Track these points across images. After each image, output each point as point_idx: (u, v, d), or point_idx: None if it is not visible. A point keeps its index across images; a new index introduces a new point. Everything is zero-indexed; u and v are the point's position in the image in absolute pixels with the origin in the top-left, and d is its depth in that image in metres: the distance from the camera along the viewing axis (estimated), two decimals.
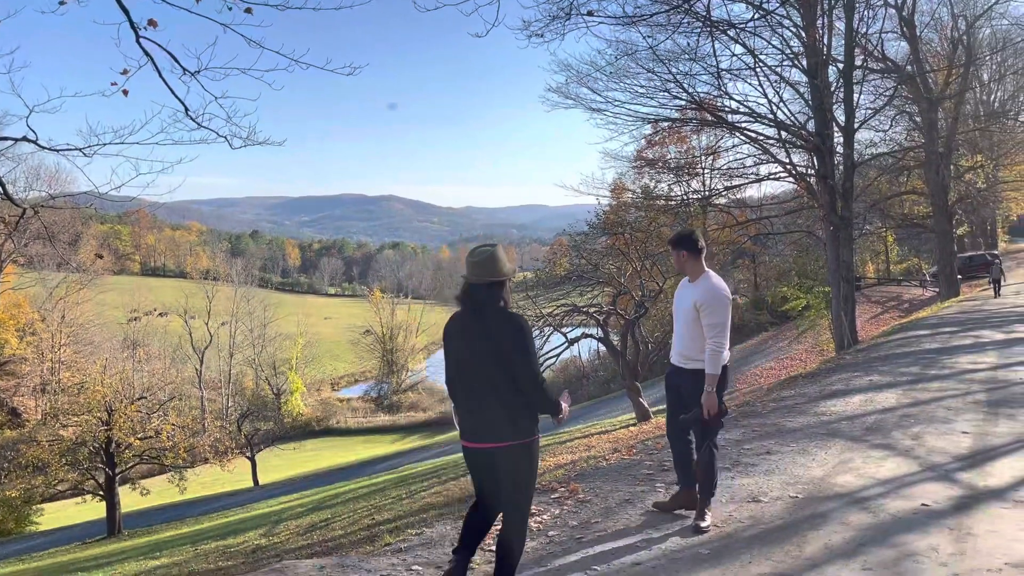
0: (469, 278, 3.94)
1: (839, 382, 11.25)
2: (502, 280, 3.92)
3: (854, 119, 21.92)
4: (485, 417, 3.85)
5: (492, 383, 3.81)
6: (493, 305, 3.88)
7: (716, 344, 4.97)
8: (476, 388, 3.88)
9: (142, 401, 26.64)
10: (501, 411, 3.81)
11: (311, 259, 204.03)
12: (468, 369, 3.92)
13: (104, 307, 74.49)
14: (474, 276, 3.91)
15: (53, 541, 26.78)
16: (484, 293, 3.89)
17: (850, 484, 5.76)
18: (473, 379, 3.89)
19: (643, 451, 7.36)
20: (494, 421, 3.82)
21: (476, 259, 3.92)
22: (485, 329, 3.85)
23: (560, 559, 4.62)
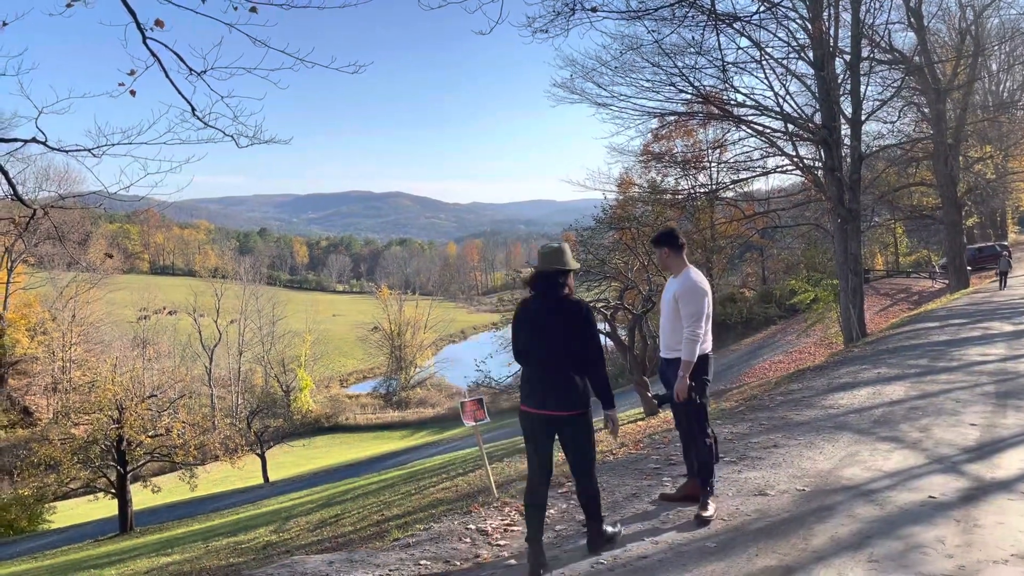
0: (539, 267, 4.56)
1: (847, 375, 11.24)
2: (567, 270, 4.52)
3: (861, 111, 21.81)
4: (554, 388, 4.39)
5: (560, 358, 4.39)
6: (560, 290, 4.47)
7: (691, 332, 5.11)
8: (546, 362, 4.42)
9: (152, 399, 26.77)
10: (567, 383, 4.37)
11: (319, 256, 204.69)
12: (538, 345, 4.46)
13: (114, 306, 74.86)
14: (544, 265, 4.52)
15: (66, 539, 26.97)
16: (552, 280, 4.47)
17: (857, 477, 5.76)
18: (543, 354, 4.43)
19: (650, 446, 7.38)
20: (562, 392, 4.38)
21: (546, 251, 4.57)
22: (554, 310, 4.43)
23: (568, 553, 4.65)
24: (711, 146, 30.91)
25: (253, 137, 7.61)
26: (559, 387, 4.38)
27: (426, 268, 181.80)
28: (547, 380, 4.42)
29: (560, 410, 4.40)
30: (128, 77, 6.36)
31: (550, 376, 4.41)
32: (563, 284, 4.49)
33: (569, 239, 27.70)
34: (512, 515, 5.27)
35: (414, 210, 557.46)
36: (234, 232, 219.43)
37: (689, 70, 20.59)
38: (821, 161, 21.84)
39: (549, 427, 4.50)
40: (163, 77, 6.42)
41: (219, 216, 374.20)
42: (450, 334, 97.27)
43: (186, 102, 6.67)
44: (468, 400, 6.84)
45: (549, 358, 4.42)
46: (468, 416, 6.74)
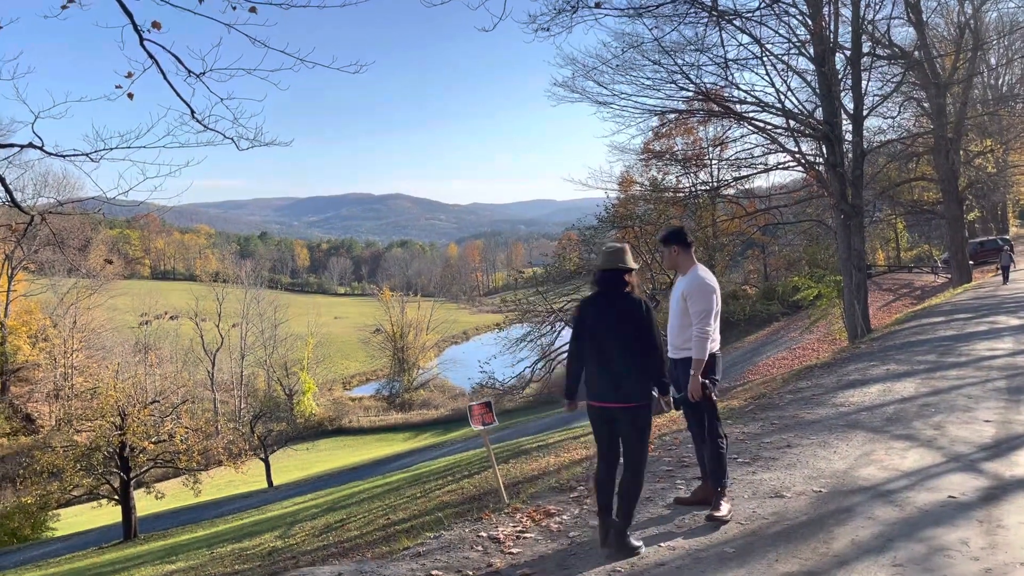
0: (602, 266, 4.79)
1: (856, 372, 11.13)
2: (629, 268, 4.73)
3: (863, 106, 21.70)
4: (612, 382, 4.60)
5: (620, 353, 4.59)
6: (622, 287, 4.69)
7: (700, 330, 5.05)
8: (608, 357, 4.62)
9: (155, 405, 26.66)
10: (625, 377, 4.58)
11: (320, 259, 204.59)
12: (601, 340, 4.65)
13: (115, 311, 74.81)
14: (608, 264, 4.74)
15: (70, 547, 26.86)
16: (617, 278, 4.70)
17: (874, 477, 5.66)
18: (605, 349, 4.63)
19: (661, 447, 7.27)
20: (619, 385, 4.58)
21: (610, 251, 4.79)
22: (616, 307, 4.65)
23: (583, 560, 4.55)
24: (712, 143, 30.81)
25: (254, 139, 7.52)
26: (617, 381, 4.58)
27: (427, 269, 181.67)
28: (607, 374, 4.61)
29: (615, 402, 4.59)
30: (126, 80, 6.26)
31: (610, 370, 4.60)
32: (627, 282, 4.71)
33: (571, 238, 27.62)
34: (524, 521, 5.16)
35: (414, 211, 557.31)
36: (234, 236, 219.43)
37: (690, 67, 20.47)
38: (823, 157, 21.75)
39: (607, 419, 4.71)
40: (161, 79, 6.33)
41: (219, 220, 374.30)
42: (452, 335, 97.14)
43: (185, 105, 6.58)
44: (476, 404, 6.72)
45: (610, 353, 4.61)
46: (476, 420, 6.62)
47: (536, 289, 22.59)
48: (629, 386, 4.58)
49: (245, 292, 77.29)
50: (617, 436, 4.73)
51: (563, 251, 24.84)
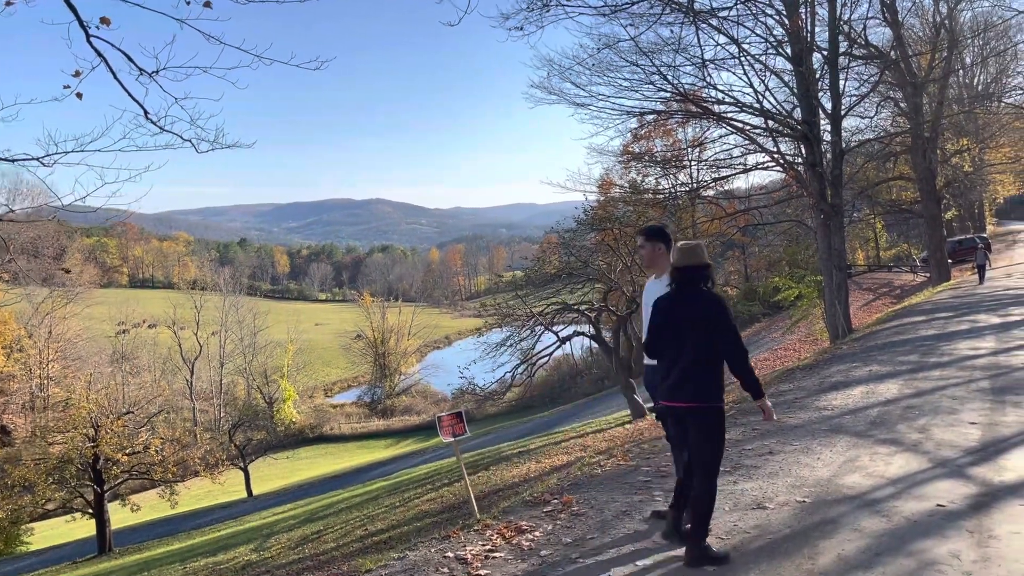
0: (678, 263, 4.64)
1: (838, 374, 10.97)
2: (707, 264, 4.63)
3: (841, 105, 21.66)
4: (683, 380, 4.49)
5: (694, 351, 4.48)
6: (698, 284, 4.59)
7: None
8: (681, 355, 4.53)
9: (129, 416, 26.14)
10: (695, 376, 4.47)
11: (300, 265, 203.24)
12: (675, 338, 4.58)
13: (92, 321, 73.84)
14: (684, 262, 4.62)
15: (44, 561, 26.30)
16: (692, 275, 4.59)
17: (859, 485, 5.44)
18: (682, 346, 4.54)
19: (639, 455, 7.01)
20: (689, 384, 4.47)
21: (686, 248, 4.65)
22: (694, 304, 4.56)
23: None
24: (691, 144, 30.74)
25: (214, 142, 7.20)
26: (688, 379, 4.49)
27: (409, 274, 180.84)
28: (679, 372, 4.53)
29: (684, 401, 4.50)
30: (74, 79, 5.95)
31: (682, 368, 4.52)
32: (702, 278, 4.62)
33: (551, 241, 27.41)
34: (494, 539, 4.88)
35: (395, 216, 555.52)
36: (214, 243, 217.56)
37: (668, 68, 20.34)
38: (802, 157, 21.68)
39: (678, 418, 4.65)
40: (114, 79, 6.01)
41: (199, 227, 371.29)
42: (435, 340, 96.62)
43: (137, 105, 6.25)
44: (445, 414, 6.42)
45: (684, 351, 4.53)
46: (446, 431, 6.32)
47: (515, 293, 22.34)
48: (696, 385, 4.47)
49: (223, 300, 76.50)
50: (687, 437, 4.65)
51: (543, 254, 24.61)
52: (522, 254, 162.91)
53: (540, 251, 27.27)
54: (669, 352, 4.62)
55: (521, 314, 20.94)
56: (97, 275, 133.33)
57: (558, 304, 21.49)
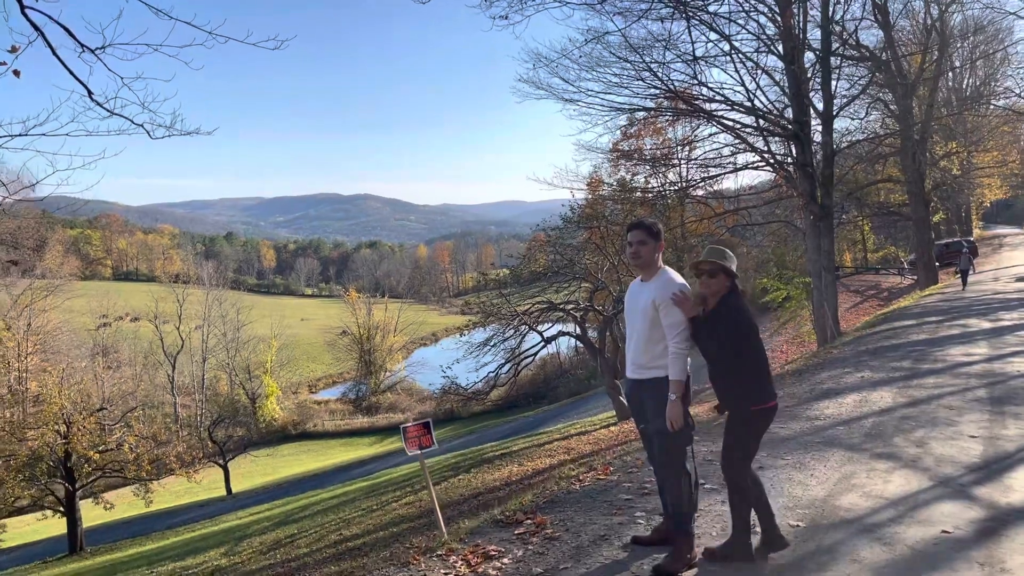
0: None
1: (829, 380, 10.59)
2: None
3: (832, 105, 21.35)
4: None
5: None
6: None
7: (677, 346, 4.33)
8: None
9: (102, 413, 25.51)
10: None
11: (287, 260, 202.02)
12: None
13: (72, 313, 72.78)
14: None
15: (14, 559, 25.68)
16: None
17: (857, 507, 5.03)
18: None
19: (621, 469, 6.57)
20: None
21: (711, 251, 4.48)
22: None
23: None
24: (680, 143, 30.38)
25: (171, 127, 6.71)
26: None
27: (396, 271, 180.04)
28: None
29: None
30: (10, 55, 5.46)
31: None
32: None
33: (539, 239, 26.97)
34: (458, 566, 4.43)
35: (384, 212, 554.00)
36: (200, 236, 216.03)
37: (658, 65, 20.01)
38: (792, 157, 21.37)
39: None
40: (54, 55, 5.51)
41: (185, 220, 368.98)
42: (421, 337, 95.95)
43: (80, 84, 5.76)
44: (411, 424, 5.95)
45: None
46: (412, 444, 5.85)
47: (499, 292, 21.89)
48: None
49: (206, 294, 75.63)
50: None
51: (529, 252, 24.18)
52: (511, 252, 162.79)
53: (527, 249, 26.85)
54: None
55: (506, 313, 20.50)
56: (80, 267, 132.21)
57: (543, 303, 21.06)
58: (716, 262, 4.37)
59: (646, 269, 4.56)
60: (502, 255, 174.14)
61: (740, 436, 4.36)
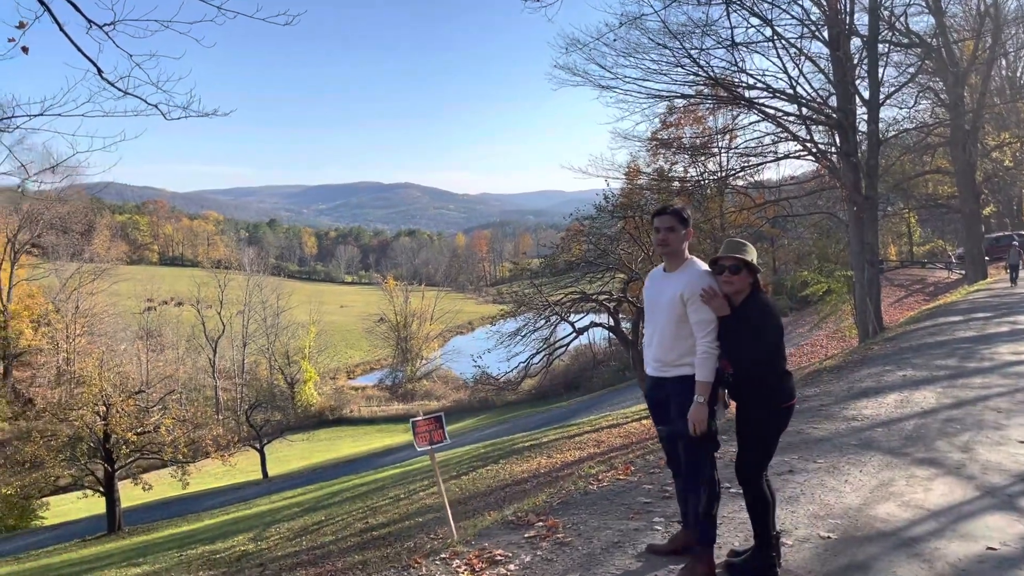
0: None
1: (869, 378, 10.15)
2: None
3: (879, 92, 20.65)
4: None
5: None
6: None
7: (708, 345, 4.01)
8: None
9: (140, 395, 25.86)
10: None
11: (328, 247, 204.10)
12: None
13: (118, 297, 74.23)
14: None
15: (56, 537, 26.19)
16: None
17: (895, 517, 4.69)
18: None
19: (643, 469, 6.28)
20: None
21: (730, 244, 4.22)
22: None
23: None
24: (720, 131, 29.76)
25: (187, 108, 6.57)
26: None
27: (435, 259, 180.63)
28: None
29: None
30: (18, 31, 5.33)
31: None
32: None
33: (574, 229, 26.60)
34: (461, 571, 4.21)
35: (423, 201, 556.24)
36: (243, 223, 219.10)
37: (697, 51, 19.57)
38: (836, 147, 20.78)
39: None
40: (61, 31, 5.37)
41: (229, 207, 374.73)
42: (457, 325, 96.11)
43: (90, 62, 5.61)
44: (421, 419, 5.72)
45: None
46: (421, 439, 5.61)
47: (531, 282, 21.62)
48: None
49: (247, 279, 76.51)
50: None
51: (562, 242, 23.85)
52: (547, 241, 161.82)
53: (562, 239, 26.52)
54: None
55: (538, 303, 20.25)
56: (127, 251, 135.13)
57: (576, 293, 20.75)
58: (739, 257, 4.05)
59: (673, 258, 4.26)
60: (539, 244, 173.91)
61: (766, 437, 4.07)
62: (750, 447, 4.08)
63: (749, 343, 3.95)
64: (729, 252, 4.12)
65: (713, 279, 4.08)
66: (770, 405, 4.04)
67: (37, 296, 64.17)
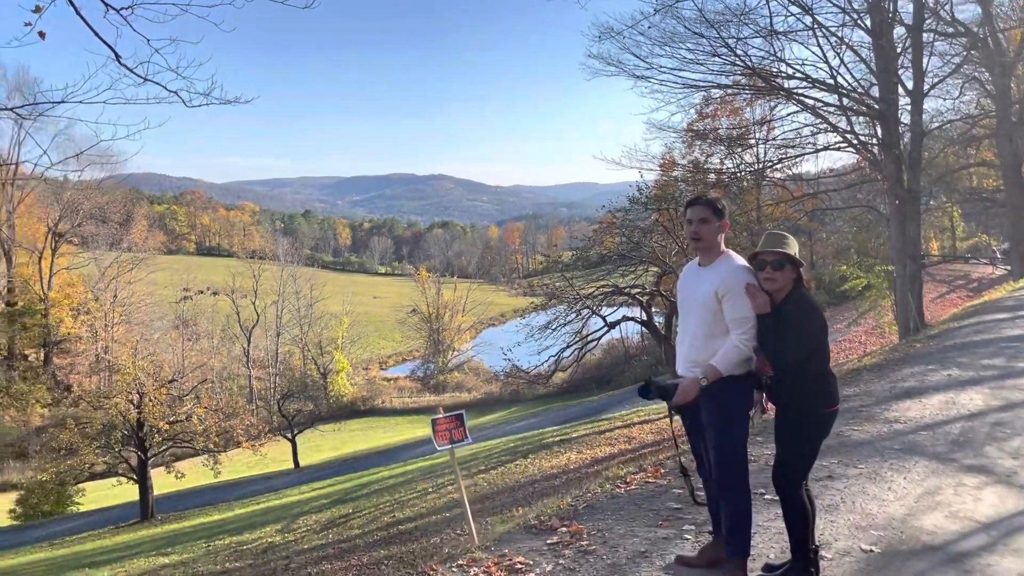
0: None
1: (912, 377, 9.75)
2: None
3: (923, 82, 20.02)
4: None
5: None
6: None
7: (742, 340, 3.72)
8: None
9: (173, 384, 26.10)
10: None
11: (362, 239, 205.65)
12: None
13: (156, 286, 75.28)
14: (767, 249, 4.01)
15: (91, 523, 26.58)
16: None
17: (941, 530, 4.40)
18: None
19: (673, 471, 5.99)
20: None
21: (773, 236, 4.04)
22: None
23: None
24: (757, 122, 29.20)
25: (208, 95, 6.44)
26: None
27: (467, 251, 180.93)
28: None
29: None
30: (34, 15, 5.21)
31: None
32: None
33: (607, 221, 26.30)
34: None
35: (457, 193, 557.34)
36: (279, 214, 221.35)
37: (734, 40, 19.18)
38: (877, 138, 20.22)
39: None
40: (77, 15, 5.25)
41: (264, 198, 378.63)
42: (489, 317, 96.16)
43: (108, 47, 5.48)
44: (442, 416, 5.53)
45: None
46: (441, 437, 5.43)
47: (561, 275, 21.38)
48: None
49: (281, 270, 77.16)
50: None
51: (594, 235, 23.58)
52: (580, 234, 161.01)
53: (595, 231, 26.23)
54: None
55: (568, 296, 20.01)
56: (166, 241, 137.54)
57: (608, 287, 20.47)
58: (781, 252, 3.79)
59: (708, 252, 3.99)
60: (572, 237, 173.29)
61: (804, 443, 3.81)
62: (788, 453, 3.81)
63: (789, 343, 3.66)
64: (771, 246, 3.85)
65: (751, 275, 3.81)
66: (810, 409, 3.77)
67: (77, 285, 65.31)
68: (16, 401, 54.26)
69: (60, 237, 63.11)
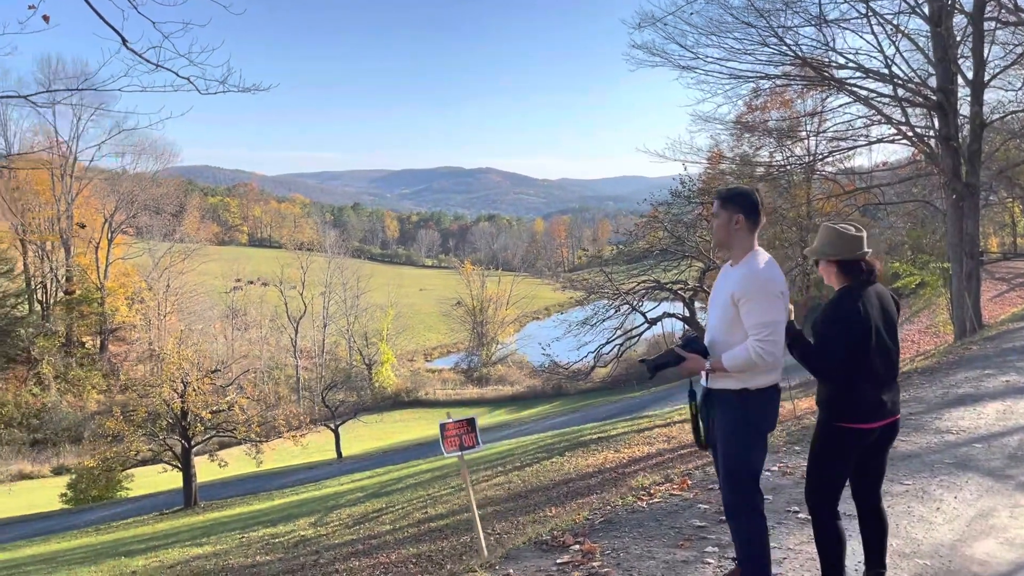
0: (856, 254, 3.79)
1: (966, 383, 9.20)
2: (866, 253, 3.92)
3: (984, 73, 19.10)
4: (891, 389, 3.71)
5: (895, 355, 3.80)
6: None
7: (761, 346, 3.29)
8: (888, 362, 3.68)
9: (216, 374, 26.40)
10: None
11: (409, 231, 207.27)
12: (883, 343, 3.68)
13: (207, 276, 76.72)
14: (857, 251, 3.79)
15: (138, 508, 27.08)
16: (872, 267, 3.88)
17: (997, 559, 3.98)
18: (887, 353, 3.68)
19: (700, 484, 5.64)
20: (896, 390, 3.77)
21: (857, 237, 3.83)
22: (889, 302, 3.87)
23: None
24: (808, 114, 28.38)
25: (224, 82, 6.26)
26: (895, 387, 3.75)
27: (513, 244, 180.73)
28: (888, 383, 3.66)
29: (897, 412, 3.77)
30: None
31: (887, 379, 3.65)
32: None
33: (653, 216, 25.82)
34: None
35: (503, 186, 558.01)
36: (329, 206, 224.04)
37: (784, 30, 18.54)
38: (934, 130, 19.39)
39: (885, 439, 3.81)
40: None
41: (315, 191, 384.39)
42: (533, 311, 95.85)
43: (113, 30, 5.31)
44: (451, 421, 5.26)
45: (890, 357, 3.71)
46: (450, 443, 5.17)
47: (601, 269, 20.99)
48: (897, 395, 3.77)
49: (328, 261, 77.99)
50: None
51: (637, 229, 23.09)
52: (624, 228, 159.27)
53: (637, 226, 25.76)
54: (875, 362, 3.63)
55: (608, 291, 19.62)
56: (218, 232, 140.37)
57: (650, 282, 20.01)
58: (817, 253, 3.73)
59: (728, 249, 3.63)
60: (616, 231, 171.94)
61: (819, 459, 3.64)
62: (808, 469, 3.56)
63: (812, 350, 3.47)
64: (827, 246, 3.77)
65: (774, 279, 3.41)
66: (824, 419, 3.55)
67: (132, 274, 66.93)
68: (73, 387, 55.85)
69: (115, 228, 64.67)
